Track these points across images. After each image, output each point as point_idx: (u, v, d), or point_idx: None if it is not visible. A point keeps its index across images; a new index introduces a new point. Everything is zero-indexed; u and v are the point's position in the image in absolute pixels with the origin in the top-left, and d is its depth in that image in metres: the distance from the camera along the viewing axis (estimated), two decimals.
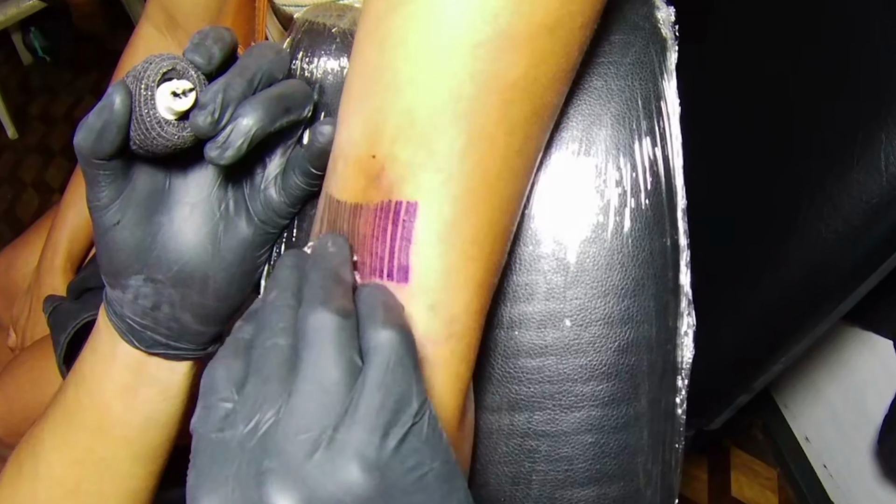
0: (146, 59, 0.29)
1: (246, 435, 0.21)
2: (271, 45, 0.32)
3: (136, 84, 0.28)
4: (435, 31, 0.26)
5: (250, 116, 0.29)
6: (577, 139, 0.35)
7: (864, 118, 0.49)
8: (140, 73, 0.28)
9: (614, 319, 0.35)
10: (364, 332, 0.22)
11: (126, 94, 0.28)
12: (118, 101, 0.28)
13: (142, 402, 0.36)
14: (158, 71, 0.28)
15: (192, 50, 0.29)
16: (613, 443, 0.36)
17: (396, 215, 0.26)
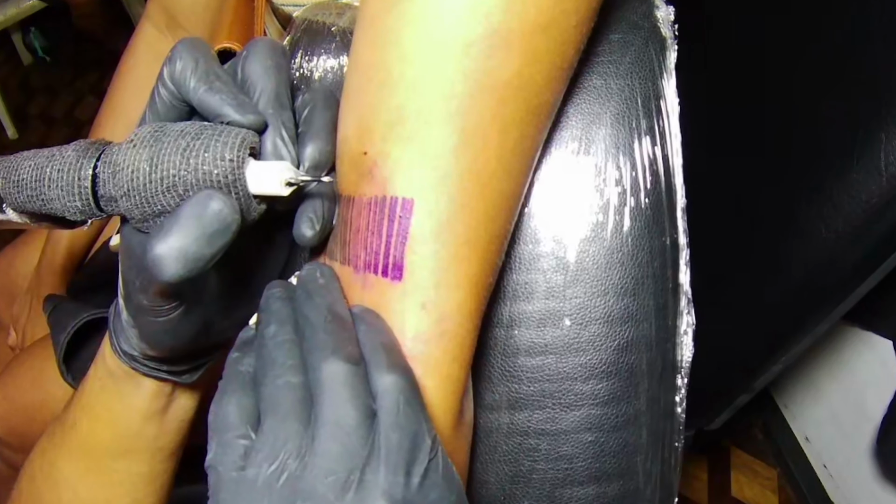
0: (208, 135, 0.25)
1: (271, 475, 0.22)
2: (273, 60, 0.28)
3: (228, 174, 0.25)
4: (428, 29, 0.26)
5: (331, 195, 0.28)
6: (576, 138, 0.35)
7: (864, 118, 0.49)
8: (220, 155, 0.24)
9: (614, 318, 0.35)
10: (370, 375, 0.23)
11: (235, 204, 0.24)
12: (236, 216, 0.24)
13: (174, 413, 0.36)
14: (245, 153, 0.25)
15: (237, 111, 0.26)
16: (613, 441, 0.36)
17: (392, 211, 0.26)
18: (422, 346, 0.26)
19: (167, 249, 0.23)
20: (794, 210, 0.56)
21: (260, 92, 0.27)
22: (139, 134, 0.26)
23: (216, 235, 0.23)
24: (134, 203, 0.25)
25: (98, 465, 0.36)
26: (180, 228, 0.23)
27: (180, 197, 0.25)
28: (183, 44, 0.27)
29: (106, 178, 0.26)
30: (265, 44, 0.28)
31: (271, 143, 0.26)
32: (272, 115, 0.27)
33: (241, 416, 0.24)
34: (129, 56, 0.74)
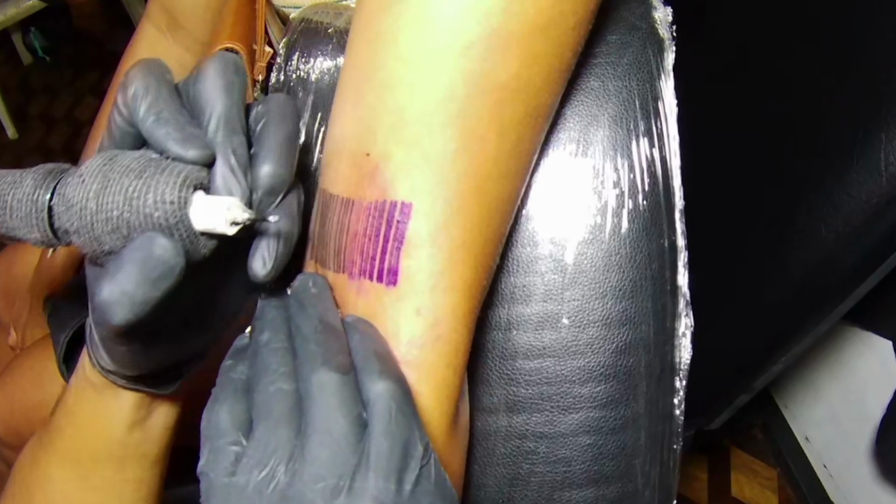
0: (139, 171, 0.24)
1: (262, 481, 0.22)
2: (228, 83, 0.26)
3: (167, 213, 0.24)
4: (426, 30, 0.26)
5: (287, 227, 0.26)
6: (574, 140, 0.35)
7: (864, 118, 0.49)
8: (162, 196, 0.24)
9: (612, 321, 0.35)
10: (362, 384, 0.23)
11: (178, 246, 0.23)
12: (179, 259, 0.23)
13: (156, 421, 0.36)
14: (188, 193, 0.24)
15: (180, 147, 0.25)
16: (611, 444, 0.36)
17: (391, 216, 0.26)
18: (416, 350, 0.26)
19: (113, 295, 0.22)
20: (794, 210, 0.56)
21: (208, 116, 0.25)
22: (89, 167, 0.25)
23: (160, 279, 0.23)
24: (84, 241, 0.25)
25: (85, 471, 0.36)
26: (124, 274, 0.22)
27: (125, 238, 0.24)
28: (136, 68, 0.26)
29: (60, 212, 0.25)
30: (216, 61, 0.26)
31: (220, 175, 0.25)
32: (221, 143, 0.25)
33: (232, 422, 0.24)
34: (130, 56, 0.74)
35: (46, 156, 1.88)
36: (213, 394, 0.25)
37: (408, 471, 0.22)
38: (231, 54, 0.27)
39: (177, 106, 0.25)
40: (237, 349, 0.27)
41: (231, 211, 0.24)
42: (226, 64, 0.26)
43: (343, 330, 0.26)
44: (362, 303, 0.27)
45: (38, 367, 0.64)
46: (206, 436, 0.24)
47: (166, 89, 0.26)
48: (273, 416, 0.23)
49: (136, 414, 0.35)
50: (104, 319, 0.23)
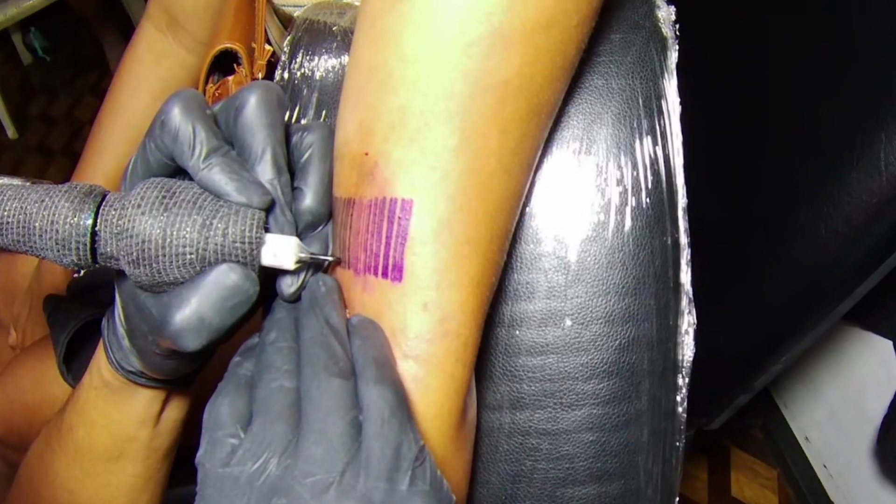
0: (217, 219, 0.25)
1: (254, 473, 0.22)
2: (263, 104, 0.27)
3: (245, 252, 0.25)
4: (428, 29, 0.26)
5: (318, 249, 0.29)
6: (577, 138, 0.35)
7: (863, 118, 0.49)
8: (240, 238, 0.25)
9: (615, 318, 0.35)
10: (359, 389, 0.24)
11: (252, 275, 0.25)
12: (256, 289, 0.25)
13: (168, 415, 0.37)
14: (262, 234, 0.26)
15: (243, 196, 0.26)
16: (614, 441, 0.36)
17: (392, 213, 0.26)
18: (424, 345, 0.26)
19: (189, 322, 0.24)
20: (794, 210, 0.56)
21: (256, 156, 0.27)
22: (145, 197, 0.25)
23: (237, 307, 0.25)
24: (143, 271, 0.25)
25: (94, 469, 0.36)
26: (201, 301, 0.24)
27: (196, 271, 0.25)
28: (177, 104, 0.26)
29: (108, 237, 0.25)
30: (260, 95, 0.27)
31: (271, 214, 0.27)
32: (270, 183, 0.27)
33: (232, 415, 0.24)
34: (130, 56, 0.74)
35: (46, 156, 1.88)
36: (217, 388, 0.25)
37: (399, 471, 0.22)
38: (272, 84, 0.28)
39: (226, 150, 0.26)
40: (247, 347, 0.28)
41: (297, 252, 0.26)
42: (269, 98, 0.27)
43: (347, 332, 0.26)
44: (368, 298, 0.27)
45: (38, 367, 0.64)
46: (205, 427, 0.24)
47: (211, 131, 0.26)
48: (272, 412, 0.23)
49: (149, 410, 0.35)
50: (177, 345, 0.25)
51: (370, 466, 0.22)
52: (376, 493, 0.21)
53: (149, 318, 0.27)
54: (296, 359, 0.25)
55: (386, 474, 0.22)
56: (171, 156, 0.26)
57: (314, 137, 0.29)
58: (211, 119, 0.27)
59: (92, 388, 0.35)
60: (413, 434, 0.23)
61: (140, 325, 0.29)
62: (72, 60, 2.11)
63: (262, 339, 0.26)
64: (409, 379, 0.26)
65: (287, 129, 0.29)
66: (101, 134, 0.73)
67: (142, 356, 0.31)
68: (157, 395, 0.35)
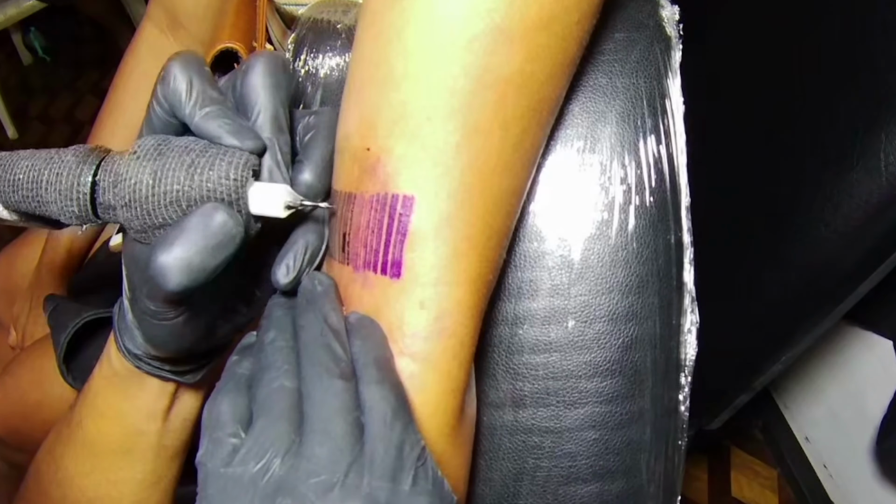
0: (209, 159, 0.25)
1: (257, 472, 0.22)
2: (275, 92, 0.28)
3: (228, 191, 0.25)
4: (430, 26, 0.26)
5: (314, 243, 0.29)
6: (581, 136, 0.35)
7: (863, 118, 0.49)
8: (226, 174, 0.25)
9: (618, 316, 0.35)
10: (361, 389, 0.24)
11: (238, 217, 0.24)
12: (240, 229, 0.24)
13: (177, 412, 0.37)
14: (249, 174, 0.26)
15: (236, 138, 0.26)
16: (617, 439, 0.36)
17: (392, 209, 0.26)
18: (420, 343, 0.26)
19: (172, 260, 0.23)
20: (794, 210, 0.56)
21: (257, 113, 0.27)
22: (142, 146, 0.26)
23: (220, 247, 0.24)
24: (134, 214, 0.26)
25: (103, 464, 0.36)
26: (185, 239, 0.23)
27: (183, 211, 0.25)
28: (176, 62, 0.26)
29: (106, 186, 0.26)
30: (265, 60, 0.27)
31: (266, 167, 0.27)
32: (269, 138, 0.27)
33: (233, 415, 0.24)
34: (131, 56, 0.74)
35: None
36: (216, 387, 0.26)
37: (403, 471, 0.22)
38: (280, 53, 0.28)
39: (223, 100, 0.27)
40: (244, 346, 0.28)
41: (286, 196, 0.26)
42: (275, 62, 0.27)
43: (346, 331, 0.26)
44: (367, 295, 0.27)
45: (38, 367, 0.64)
46: (206, 426, 0.24)
47: (209, 82, 0.27)
48: (273, 412, 0.23)
49: (158, 403, 0.35)
50: (159, 285, 0.24)
51: (374, 466, 0.22)
52: (381, 493, 0.22)
53: (142, 268, 0.27)
54: (295, 358, 0.25)
55: (390, 474, 0.22)
56: (171, 111, 0.27)
57: (320, 119, 0.29)
58: (210, 75, 0.27)
59: (102, 378, 0.35)
60: (414, 435, 0.23)
61: (138, 281, 0.28)
62: (72, 60, 2.11)
63: (260, 337, 0.26)
64: (406, 376, 0.26)
65: (293, 115, 0.29)
66: (100, 134, 0.73)
67: (141, 324, 0.30)
68: (165, 388, 0.35)
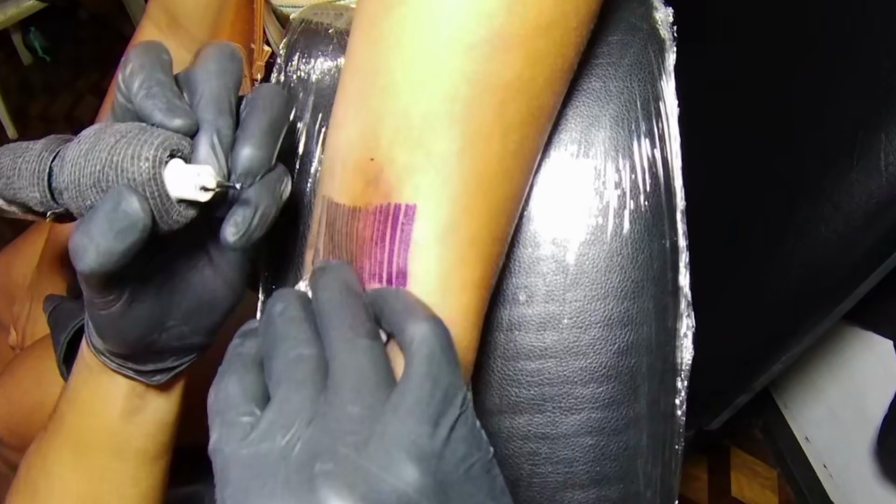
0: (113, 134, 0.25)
1: (286, 445, 0.21)
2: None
3: (144, 176, 0.25)
4: (429, 32, 0.26)
5: (266, 203, 0.27)
6: (575, 141, 0.35)
7: (863, 118, 0.49)
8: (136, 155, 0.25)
9: (614, 321, 0.35)
10: (403, 327, 0.22)
11: (144, 203, 0.24)
12: (143, 215, 0.24)
13: (151, 415, 0.36)
14: (163, 154, 0.25)
15: (164, 115, 0.26)
16: (613, 445, 0.36)
17: (395, 219, 0.26)
18: None
19: (82, 242, 0.24)
20: (794, 210, 0.56)
21: (200, 95, 0.27)
22: (87, 131, 0.26)
23: (125, 232, 0.23)
24: (71, 196, 0.26)
25: (85, 459, 0.36)
26: (92, 223, 0.24)
27: (103, 192, 0.25)
28: (136, 48, 0.27)
29: (57, 171, 0.27)
30: (213, 48, 0.28)
31: (202, 151, 0.26)
32: (208, 120, 0.26)
33: (244, 393, 0.23)
34: None
35: None
36: (219, 371, 0.24)
37: (446, 416, 0.21)
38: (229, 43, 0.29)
39: (167, 82, 0.27)
40: (245, 331, 0.27)
41: (201, 177, 0.25)
42: (222, 51, 0.28)
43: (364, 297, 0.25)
44: None
45: (38, 367, 0.64)
46: (215, 410, 0.23)
47: (160, 67, 0.27)
48: (294, 380, 0.22)
49: (129, 402, 0.35)
50: (76, 265, 0.24)
51: (418, 408, 0.20)
52: (423, 440, 0.20)
53: None
54: (309, 328, 0.24)
55: (433, 418, 0.20)
56: (127, 96, 0.27)
57: (257, 93, 0.28)
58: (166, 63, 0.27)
59: (78, 374, 0.36)
60: (460, 378, 0.22)
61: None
62: (72, 60, 2.11)
63: (266, 312, 0.25)
64: None
65: (241, 98, 0.29)
66: None
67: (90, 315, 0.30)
68: (135, 387, 0.35)
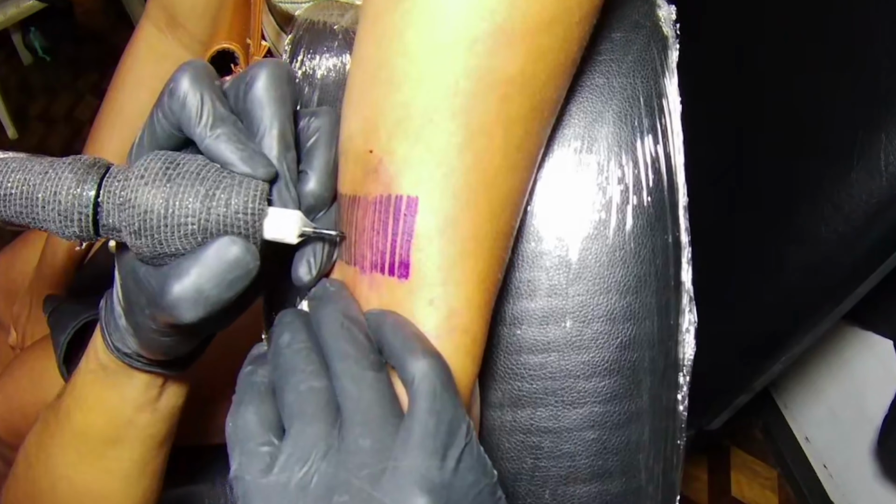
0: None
1: (303, 477, 0.22)
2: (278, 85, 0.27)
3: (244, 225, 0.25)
4: (432, 27, 0.26)
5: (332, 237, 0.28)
6: (579, 136, 0.35)
7: (863, 118, 0.49)
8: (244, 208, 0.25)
9: (616, 316, 0.35)
10: (403, 364, 0.23)
11: (254, 250, 0.25)
12: (256, 263, 0.25)
13: (165, 401, 0.37)
14: (265, 206, 0.26)
15: (247, 166, 0.26)
16: (615, 439, 0.36)
17: (397, 210, 0.26)
18: (434, 341, 0.26)
19: (187, 293, 0.24)
20: (794, 210, 0.56)
21: (264, 130, 0.27)
22: (149, 168, 0.25)
23: (237, 280, 0.24)
24: (144, 242, 0.25)
25: (91, 454, 0.37)
26: (201, 273, 0.24)
27: (197, 242, 0.25)
28: (186, 74, 0.26)
29: (110, 208, 0.25)
30: (270, 71, 0.27)
31: (275, 188, 0.27)
32: (277, 158, 0.27)
33: (261, 424, 0.24)
34: (129, 56, 0.74)
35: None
36: (235, 400, 0.25)
37: (453, 447, 0.22)
38: (283, 62, 0.28)
39: (234, 120, 0.26)
40: (255, 356, 0.28)
41: (299, 225, 0.26)
42: (280, 74, 0.27)
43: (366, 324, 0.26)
44: (375, 296, 0.27)
45: (38, 367, 0.64)
46: (234, 440, 0.24)
47: (219, 101, 0.26)
48: (307, 414, 0.23)
49: (146, 394, 0.35)
50: (173, 316, 0.24)
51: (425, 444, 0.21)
52: (433, 472, 0.21)
53: (147, 291, 0.27)
54: (317, 358, 0.25)
55: (441, 451, 0.22)
56: (177, 125, 0.26)
57: (321, 122, 0.29)
58: (219, 90, 0.27)
59: (89, 372, 0.36)
60: (462, 409, 0.23)
61: (138, 298, 0.28)
62: (72, 60, 2.11)
63: (274, 343, 0.26)
64: None
65: (295, 114, 0.29)
66: (100, 134, 0.73)
67: (138, 334, 0.30)
68: (154, 380, 0.35)
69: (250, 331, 0.37)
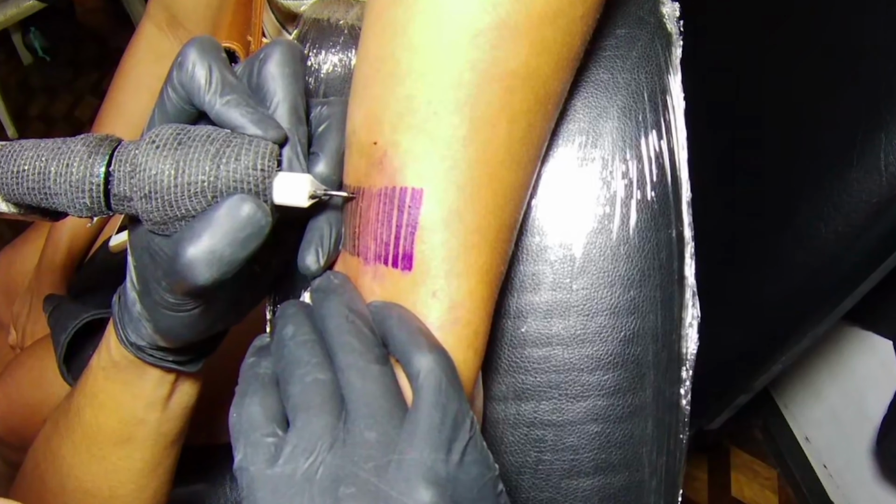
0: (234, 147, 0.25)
1: (309, 468, 0.22)
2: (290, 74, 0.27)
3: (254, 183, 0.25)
4: (435, 20, 0.26)
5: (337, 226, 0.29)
6: (583, 131, 0.35)
7: (863, 118, 0.50)
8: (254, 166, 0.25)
9: (620, 310, 0.35)
10: (409, 359, 0.23)
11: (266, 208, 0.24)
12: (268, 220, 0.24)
13: (178, 400, 0.37)
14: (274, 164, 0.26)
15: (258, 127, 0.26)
16: (618, 433, 0.36)
17: (401, 202, 0.27)
18: (436, 333, 0.26)
19: (201, 253, 0.24)
20: (794, 210, 0.56)
21: (277, 103, 0.27)
22: (160, 135, 0.25)
23: (250, 238, 0.24)
24: (155, 206, 0.25)
25: (101, 453, 0.36)
26: (214, 232, 0.24)
27: (208, 202, 0.25)
28: (193, 47, 0.26)
29: (122, 176, 0.25)
30: (284, 49, 0.27)
31: (287, 157, 0.27)
32: (289, 129, 0.27)
33: (266, 415, 0.24)
34: (130, 55, 0.74)
35: None
36: (238, 391, 0.25)
37: (457, 441, 0.22)
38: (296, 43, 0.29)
39: (243, 87, 0.27)
40: (258, 347, 0.28)
41: (310, 186, 0.26)
42: (292, 52, 0.28)
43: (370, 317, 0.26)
44: (378, 287, 0.27)
45: (38, 367, 0.64)
46: (239, 431, 0.24)
47: (228, 71, 0.27)
48: (313, 406, 0.23)
49: (158, 392, 0.35)
50: (187, 279, 0.24)
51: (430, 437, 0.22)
52: (439, 465, 0.22)
53: (163, 261, 0.27)
54: (321, 350, 0.25)
55: (446, 444, 0.22)
56: (188, 98, 0.26)
57: (332, 110, 0.30)
58: (227, 61, 0.27)
59: (100, 370, 0.36)
60: (466, 403, 0.23)
61: (154, 272, 0.28)
62: (72, 60, 2.11)
63: (278, 334, 0.26)
64: None
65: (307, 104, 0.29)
66: (100, 133, 0.73)
67: (153, 316, 0.30)
68: (166, 377, 0.35)
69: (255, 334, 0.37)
